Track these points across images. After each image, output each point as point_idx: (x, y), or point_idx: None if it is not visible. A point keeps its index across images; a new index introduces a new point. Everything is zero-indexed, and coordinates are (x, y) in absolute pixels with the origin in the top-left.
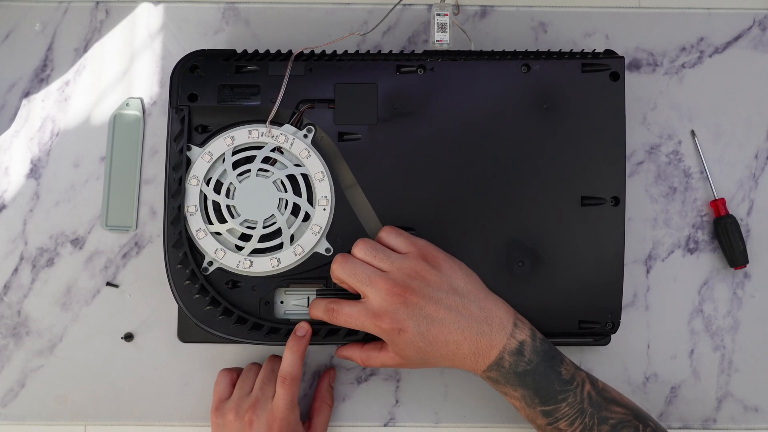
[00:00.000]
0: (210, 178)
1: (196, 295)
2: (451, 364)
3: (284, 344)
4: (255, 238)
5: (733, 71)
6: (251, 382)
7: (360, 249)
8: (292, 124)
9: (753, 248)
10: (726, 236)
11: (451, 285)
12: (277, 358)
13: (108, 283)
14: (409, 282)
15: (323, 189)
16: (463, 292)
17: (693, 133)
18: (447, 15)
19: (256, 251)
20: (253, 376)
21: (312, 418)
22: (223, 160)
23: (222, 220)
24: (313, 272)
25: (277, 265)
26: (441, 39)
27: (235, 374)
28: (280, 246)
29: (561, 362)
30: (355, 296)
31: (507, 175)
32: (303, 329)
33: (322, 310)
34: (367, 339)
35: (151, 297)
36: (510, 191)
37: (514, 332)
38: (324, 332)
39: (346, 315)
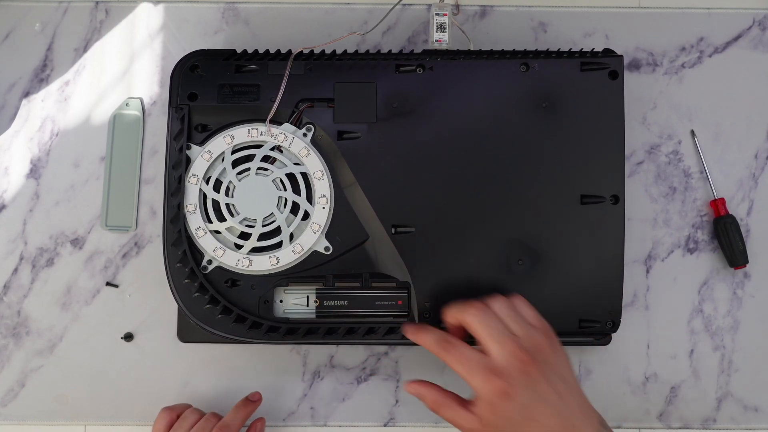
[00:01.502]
0: (209, 177)
1: (196, 294)
2: None
3: (283, 343)
4: (254, 237)
5: (732, 71)
6: (186, 430)
7: (500, 305)
8: (291, 123)
9: (753, 248)
10: (726, 236)
11: (562, 372)
12: (217, 416)
13: (108, 283)
14: (535, 354)
15: (322, 187)
16: (569, 382)
17: (693, 133)
18: (446, 15)
19: (255, 250)
20: (187, 426)
21: None
22: (223, 159)
23: (221, 218)
24: (312, 271)
25: (277, 264)
26: (440, 39)
27: (174, 415)
28: (279, 244)
29: None
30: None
31: (506, 174)
32: (256, 396)
33: (434, 341)
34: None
35: (151, 297)
36: (509, 190)
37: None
38: (323, 330)
39: (461, 355)
